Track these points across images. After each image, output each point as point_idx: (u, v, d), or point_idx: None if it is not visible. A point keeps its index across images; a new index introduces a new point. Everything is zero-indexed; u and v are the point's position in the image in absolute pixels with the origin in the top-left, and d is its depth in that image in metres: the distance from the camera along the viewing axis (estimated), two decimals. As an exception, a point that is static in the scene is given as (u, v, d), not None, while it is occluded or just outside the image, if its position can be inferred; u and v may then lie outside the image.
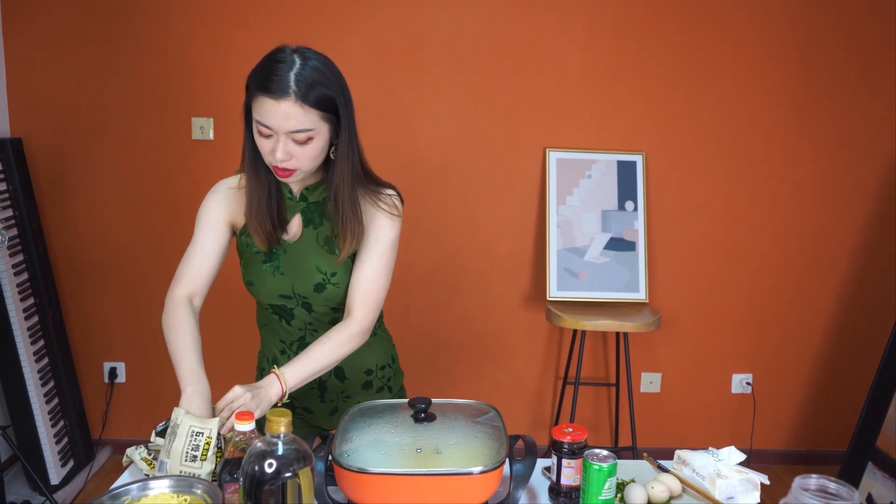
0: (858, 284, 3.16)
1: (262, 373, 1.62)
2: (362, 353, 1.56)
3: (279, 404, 1.33)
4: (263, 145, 1.34)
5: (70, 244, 3.03)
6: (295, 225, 1.48)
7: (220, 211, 1.47)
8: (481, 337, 3.15)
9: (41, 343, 2.84)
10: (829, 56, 2.99)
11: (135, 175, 2.99)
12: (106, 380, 3.14)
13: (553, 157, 2.98)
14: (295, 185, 1.46)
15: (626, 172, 2.98)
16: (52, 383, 2.88)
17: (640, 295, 2.92)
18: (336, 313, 1.50)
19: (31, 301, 2.81)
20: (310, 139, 1.31)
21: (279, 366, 1.48)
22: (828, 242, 3.13)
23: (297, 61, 1.28)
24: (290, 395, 1.54)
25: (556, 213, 2.94)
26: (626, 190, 2.98)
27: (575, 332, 3.06)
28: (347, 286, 1.45)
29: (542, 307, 3.09)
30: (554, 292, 2.89)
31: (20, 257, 2.78)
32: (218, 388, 1.32)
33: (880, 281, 3.14)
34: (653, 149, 3.03)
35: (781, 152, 3.06)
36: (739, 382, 3.23)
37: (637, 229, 2.96)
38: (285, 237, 1.47)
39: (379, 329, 1.63)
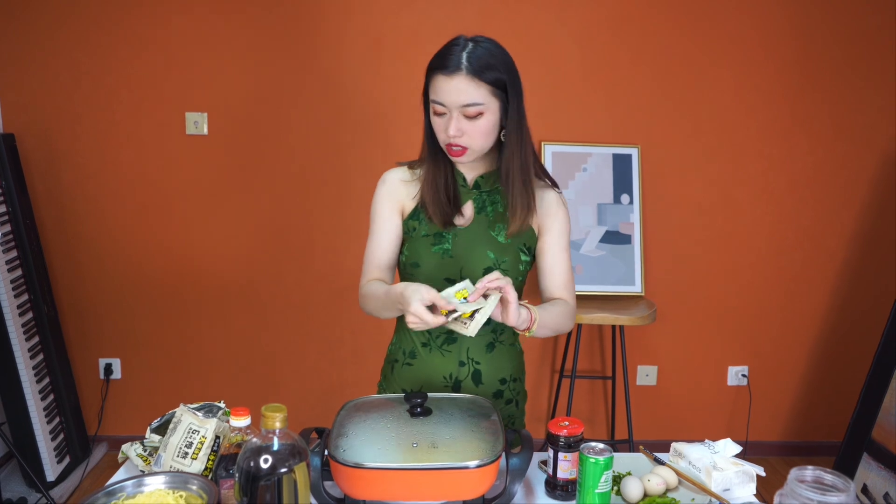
0: (854, 277, 3.17)
1: (394, 365, 1.59)
2: (502, 361, 1.56)
3: (525, 332, 1.39)
4: (438, 125, 1.42)
5: (64, 240, 3.02)
6: (467, 211, 1.52)
7: (390, 201, 1.53)
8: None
9: (36, 339, 2.83)
10: (826, 49, 2.98)
11: (129, 170, 2.98)
12: (101, 376, 3.13)
13: (549, 150, 2.97)
14: (469, 172, 1.52)
15: (621, 165, 2.98)
16: (47, 380, 2.87)
17: (636, 288, 2.92)
18: None
19: (25, 297, 2.80)
20: (480, 114, 1.38)
21: (415, 359, 1.53)
22: (824, 235, 3.13)
23: (470, 44, 1.38)
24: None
25: (551, 206, 2.94)
26: (621, 183, 2.97)
27: (571, 325, 3.06)
28: (514, 277, 1.50)
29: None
30: (550, 286, 2.89)
31: (14, 253, 2.77)
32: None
33: (876, 274, 3.15)
34: (648, 142, 3.02)
35: (778, 145, 3.06)
36: (735, 375, 3.24)
37: (633, 222, 2.96)
38: (458, 222, 1.50)
39: (517, 341, 1.62)
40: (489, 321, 1.38)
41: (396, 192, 1.53)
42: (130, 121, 2.94)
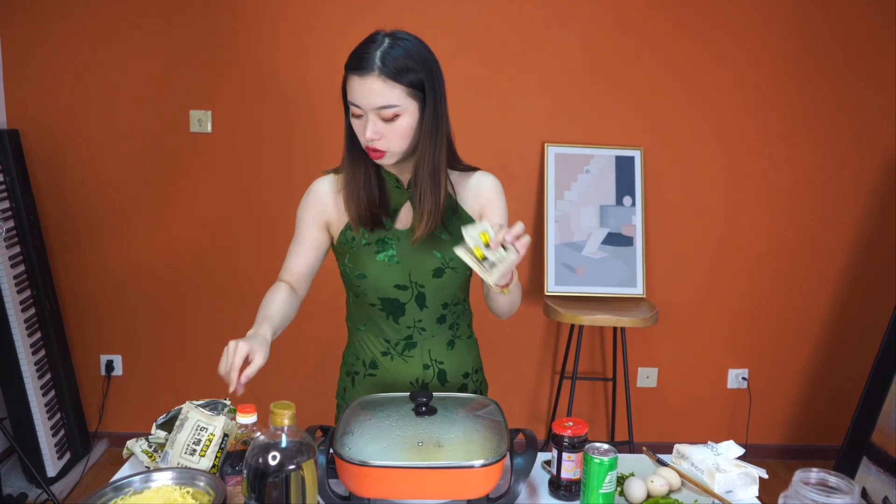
0: (855, 279, 3.18)
1: (354, 378, 1.58)
2: (462, 355, 1.56)
3: (503, 290, 1.29)
4: (356, 126, 1.36)
5: (67, 236, 3.02)
6: (405, 213, 1.47)
7: (313, 212, 1.49)
8: (479, 331, 3.15)
9: (38, 335, 2.83)
10: (827, 49, 2.99)
11: (132, 167, 2.98)
12: (103, 372, 3.13)
13: (551, 151, 2.98)
14: (401, 173, 1.46)
15: (624, 167, 2.99)
16: (48, 375, 2.87)
17: (638, 290, 2.93)
18: (444, 310, 1.50)
19: (27, 293, 2.80)
20: (396, 116, 1.32)
21: (377, 369, 1.50)
22: (825, 237, 3.14)
23: (387, 41, 1.31)
24: None
25: (554, 207, 2.95)
26: (624, 185, 2.98)
27: (572, 326, 3.07)
28: (464, 272, 1.47)
29: (539, 302, 3.09)
30: (552, 287, 2.90)
31: (17, 249, 2.77)
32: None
33: (877, 276, 3.16)
34: (651, 144, 3.03)
35: (779, 146, 3.07)
36: (735, 377, 3.24)
37: (635, 224, 2.96)
38: (397, 226, 1.46)
39: (472, 332, 1.62)
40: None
41: (322, 205, 1.48)
42: (134, 118, 2.95)
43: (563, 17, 2.94)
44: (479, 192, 1.50)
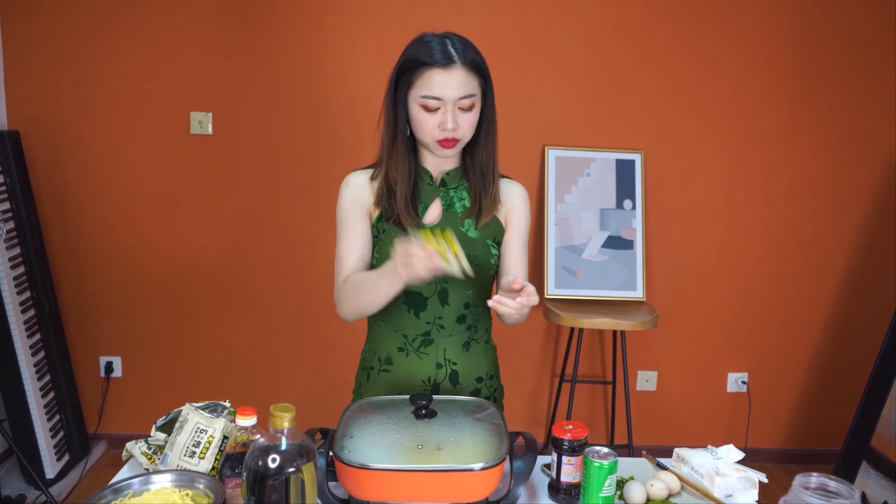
0: (855, 284, 3.18)
1: (369, 373, 1.58)
2: (477, 359, 1.56)
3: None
4: (428, 121, 1.40)
5: (67, 237, 3.02)
6: (434, 209, 1.52)
7: (359, 201, 1.52)
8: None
9: (38, 336, 2.83)
10: (828, 54, 3.00)
11: (133, 169, 2.98)
12: (102, 374, 3.13)
13: (552, 154, 2.98)
14: (435, 169, 1.52)
15: (624, 171, 2.99)
16: (48, 377, 2.87)
17: (638, 293, 2.93)
18: (465, 310, 1.52)
19: (27, 294, 2.80)
20: (472, 105, 1.41)
21: (392, 365, 1.52)
22: (825, 241, 3.14)
23: (446, 39, 1.41)
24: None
25: (554, 210, 2.95)
26: (624, 188, 2.98)
27: (572, 329, 3.07)
28: (486, 270, 1.50)
29: (539, 305, 3.08)
30: (552, 290, 2.90)
31: (17, 250, 2.77)
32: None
33: (877, 281, 3.16)
34: (651, 147, 3.03)
35: (780, 151, 3.07)
36: (735, 381, 3.24)
37: (635, 228, 2.96)
38: (425, 221, 1.51)
39: (490, 338, 1.63)
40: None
41: (362, 195, 1.52)
42: (135, 119, 2.95)
43: (564, 21, 2.94)
44: (506, 199, 1.54)
